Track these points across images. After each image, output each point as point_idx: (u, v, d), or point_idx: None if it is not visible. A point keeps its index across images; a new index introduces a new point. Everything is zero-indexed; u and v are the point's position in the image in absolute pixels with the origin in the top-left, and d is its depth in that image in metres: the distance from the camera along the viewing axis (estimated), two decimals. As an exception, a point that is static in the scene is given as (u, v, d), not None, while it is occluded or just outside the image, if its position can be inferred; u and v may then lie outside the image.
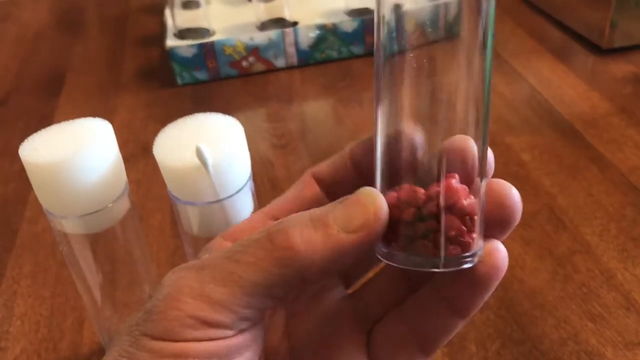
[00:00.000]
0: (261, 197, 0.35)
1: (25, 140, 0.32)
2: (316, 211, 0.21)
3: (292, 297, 0.26)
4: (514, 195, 0.22)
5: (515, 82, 0.68)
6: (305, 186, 0.26)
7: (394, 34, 0.21)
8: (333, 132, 0.63)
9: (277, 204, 0.26)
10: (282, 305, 0.27)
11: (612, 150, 0.55)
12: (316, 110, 0.68)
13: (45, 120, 0.69)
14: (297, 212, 0.22)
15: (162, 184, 0.33)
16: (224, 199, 0.32)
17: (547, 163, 0.55)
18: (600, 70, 0.69)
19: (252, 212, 0.35)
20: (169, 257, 0.49)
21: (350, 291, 0.27)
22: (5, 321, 0.44)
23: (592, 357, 0.38)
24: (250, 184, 0.34)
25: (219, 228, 0.34)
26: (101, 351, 0.42)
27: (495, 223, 0.22)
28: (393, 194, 0.22)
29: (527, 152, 0.56)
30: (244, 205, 0.34)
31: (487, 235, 0.22)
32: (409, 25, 0.21)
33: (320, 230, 0.21)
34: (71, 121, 0.34)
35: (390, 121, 0.22)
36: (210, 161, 0.30)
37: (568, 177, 0.53)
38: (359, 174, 0.25)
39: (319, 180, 0.26)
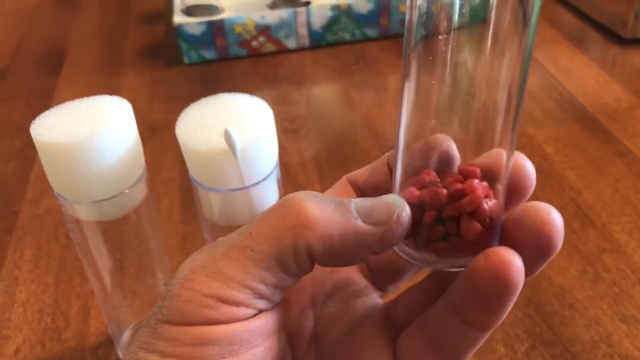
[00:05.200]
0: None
1: (37, 118, 0.30)
2: (340, 197, 0.21)
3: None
4: (554, 220, 0.19)
5: (535, 71, 0.65)
6: (340, 191, 0.25)
7: (425, 18, 0.20)
8: (346, 117, 0.61)
9: None
10: (310, 304, 0.25)
11: (638, 145, 0.53)
12: (328, 94, 0.66)
13: (45, 96, 0.66)
14: None
15: (170, 166, 0.31)
16: (250, 186, 0.30)
17: (571, 156, 0.53)
18: (622, 61, 0.67)
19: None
20: (179, 243, 0.46)
21: (384, 300, 0.26)
22: (6, 308, 0.42)
23: (625, 361, 0.36)
24: (277, 171, 0.32)
25: (242, 216, 0.32)
26: (109, 342, 0.39)
27: (534, 252, 0.20)
28: (415, 192, 0.21)
29: (550, 145, 0.54)
30: (269, 194, 0.32)
31: (527, 264, 0.20)
32: (441, 9, 0.20)
33: (339, 210, 0.20)
34: (86, 98, 0.32)
35: (415, 111, 0.21)
36: (238, 145, 0.28)
37: (594, 171, 0.51)
38: None
39: (354, 186, 0.25)
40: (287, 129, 0.59)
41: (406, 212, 0.20)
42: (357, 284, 0.25)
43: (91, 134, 0.29)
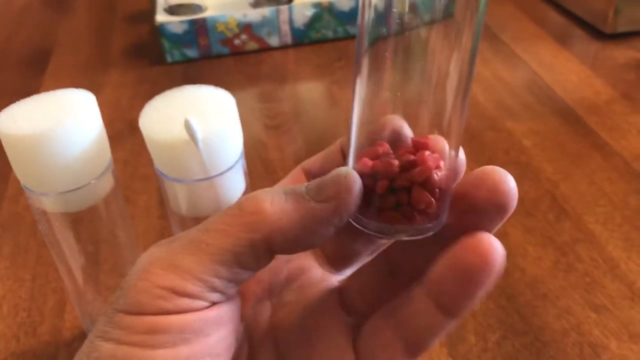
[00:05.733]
0: (254, 180, 0.33)
1: (3, 111, 0.30)
2: (290, 186, 0.21)
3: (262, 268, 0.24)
4: (509, 180, 0.21)
5: (516, 67, 0.66)
6: (294, 180, 0.25)
7: (378, 16, 0.21)
8: (328, 114, 0.61)
9: None
10: (266, 295, 0.25)
11: (615, 138, 0.54)
12: (311, 91, 0.66)
13: (30, 96, 0.66)
14: None
15: (149, 163, 0.31)
16: (214, 176, 0.30)
17: (549, 150, 0.53)
18: (603, 56, 0.67)
19: (244, 192, 0.33)
20: (156, 239, 0.46)
21: (339, 283, 0.26)
22: (-18, 303, 0.42)
23: (595, 348, 0.36)
24: (242, 161, 0.32)
25: (208, 207, 0.32)
26: (83, 336, 0.40)
27: (491, 210, 0.21)
28: (368, 163, 0.21)
29: (528, 138, 0.54)
30: (235, 184, 0.32)
31: (484, 223, 0.21)
32: (396, 6, 0.20)
33: (290, 197, 0.21)
34: (52, 92, 0.32)
35: (368, 96, 0.22)
36: (200, 135, 0.29)
37: (571, 164, 0.51)
38: None
39: (309, 175, 0.25)
40: (268, 126, 0.59)
41: (354, 179, 0.21)
42: (312, 272, 0.26)
43: (55, 125, 0.29)
